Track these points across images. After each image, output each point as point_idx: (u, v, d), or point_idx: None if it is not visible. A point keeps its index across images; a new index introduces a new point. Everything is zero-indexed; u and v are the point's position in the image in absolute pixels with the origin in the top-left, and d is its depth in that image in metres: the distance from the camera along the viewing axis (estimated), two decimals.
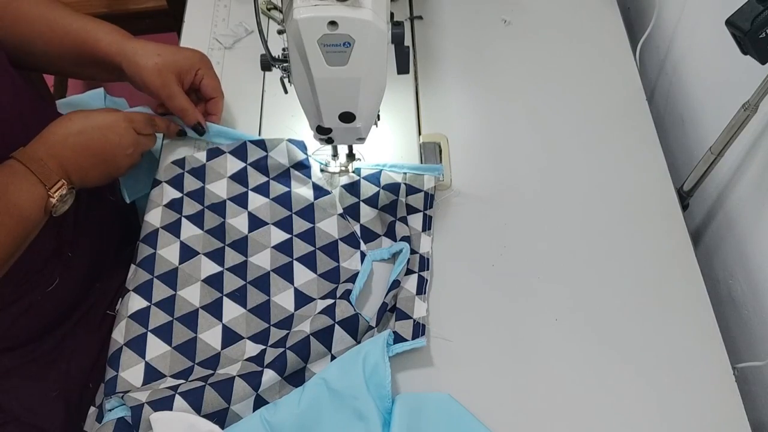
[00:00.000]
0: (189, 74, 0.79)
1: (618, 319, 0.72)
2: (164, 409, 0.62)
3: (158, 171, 0.80)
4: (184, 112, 0.78)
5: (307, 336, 0.67)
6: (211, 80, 0.81)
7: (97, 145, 0.70)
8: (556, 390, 0.68)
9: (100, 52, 0.76)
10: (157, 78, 0.75)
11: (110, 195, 0.84)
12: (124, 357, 0.67)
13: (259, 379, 0.64)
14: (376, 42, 0.60)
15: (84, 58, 0.77)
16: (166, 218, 0.76)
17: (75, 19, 0.76)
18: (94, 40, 0.75)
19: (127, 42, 0.76)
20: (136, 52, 0.75)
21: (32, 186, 0.64)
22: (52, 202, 0.65)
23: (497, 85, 0.91)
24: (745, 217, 0.80)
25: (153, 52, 0.76)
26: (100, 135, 0.70)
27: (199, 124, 0.79)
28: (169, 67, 0.76)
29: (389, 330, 0.67)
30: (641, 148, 0.84)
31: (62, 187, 0.66)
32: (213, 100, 0.82)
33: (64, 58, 0.77)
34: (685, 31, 0.95)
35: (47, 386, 0.71)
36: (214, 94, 0.82)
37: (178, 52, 0.78)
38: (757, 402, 0.77)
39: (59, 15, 0.76)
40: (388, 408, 0.63)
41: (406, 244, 0.74)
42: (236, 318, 0.70)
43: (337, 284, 0.73)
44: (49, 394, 0.71)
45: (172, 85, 0.76)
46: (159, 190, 0.78)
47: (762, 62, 0.61)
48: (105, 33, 0.76)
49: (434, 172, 0.79)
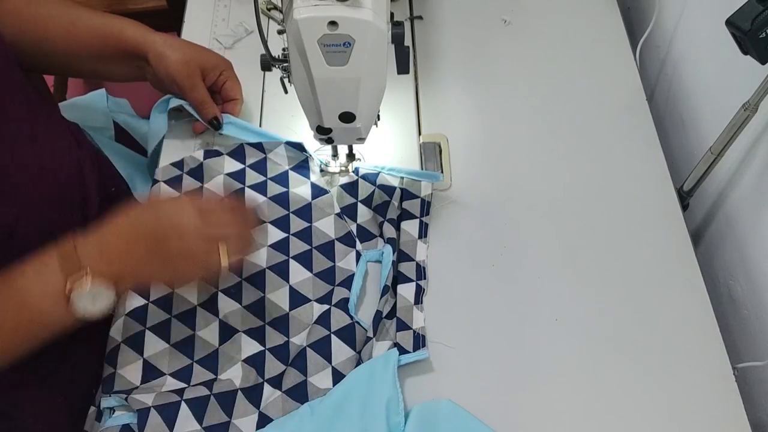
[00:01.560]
0: (213, 72, 0.81)
1: (618, 320, 0.72)
2: (170, 416, 0.62)
3: (156, 172, 0.80)
4: (202, 104, 0.80)
5: (303, 348, 0.67)
6: (234, 83, 0.83)
7: (146, 228, 0.59)
8: (556, 390, 0.68)
9: (124, 44, 0.76)
10: (183, 68, 0.77)
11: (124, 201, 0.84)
12: (122, 355, 0.67)
13: (260, 397, 0.66)
14: (376, 42, 0.60)
15: (107, 52, 0.77)
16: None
17: (96, 16, 0.77)
18: (119, 32, 0.76)
19: (153, 33, 0.77)
20: (164, 43, 0.76)
21: (51, 276, 0.55)
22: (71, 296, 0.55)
23: (497, 85, 0.91)
24: (745, 217, 0.80)
25: (180, 44, 0.78)
26: (153, 216, 0.60)
27: (216, 118, 0.81)
28: (196, 60, 0.78)
29: (396, 357, 0.67)
30: (641, 148, 0.84)
31: (86, 277, 0.55)
32: (232, 102, 0.84)
33: (86, 55, 0.77)
34: (685, 31, 0.96)
35: (52, 394, 0.71)
36: (235, 96, 0.83)
37: (204, 51, 0.80)
38: (757, 402, 0.77)
39: (80, 13, 0.77)
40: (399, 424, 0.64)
41: (389, 246, 0.74)
42: (232, 312, 0.70)
43: (332, 285, 0.73)
44: (54, 401, 0.71)
45: (195, 76, 0.78)
46: (156, 189, 0.78)
47: (762, 62, 0.61)
48: (128, 25, 0.77)
49: (432, 179, 0.79)
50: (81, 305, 0.55)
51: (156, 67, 0.77)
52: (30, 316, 0.56)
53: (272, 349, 0.69)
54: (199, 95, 0.79)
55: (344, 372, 0.67)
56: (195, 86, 0.78)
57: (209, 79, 0.81)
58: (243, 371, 0.66)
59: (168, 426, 0.62)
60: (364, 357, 0.68)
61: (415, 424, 0.63)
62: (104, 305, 0.56)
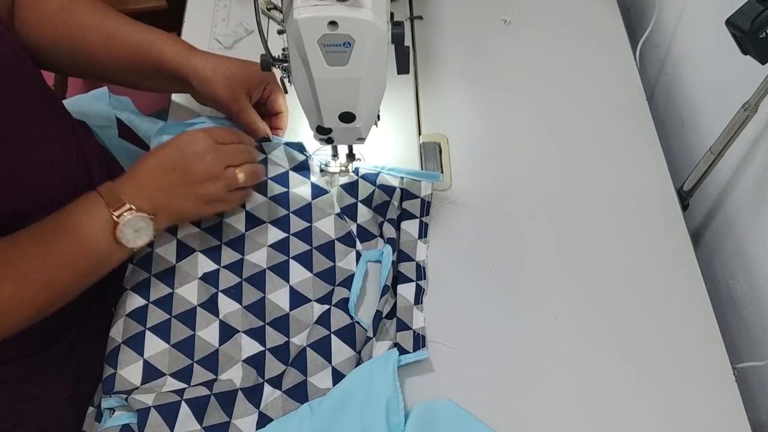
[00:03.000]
0: (258, 88, 0.78)
1: (618, 320, 0.72)
2: (170, 416, 0.62)
3: None
4: (253, 126, 0.78)
5: (303, 348, 0.67)
6: (280, 96, 0.81)
7: (170, 160, 0.66)
8: (556, 389, 0.68)
9: (165, 65, 0.74)
10: (228, 92, 0.75)
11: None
12: (122, 355, 0.67)
13: (260, 397, 0.66)
14: (376, 42, 0.60)
15: (146, 71, 0.76)
16: None
17: (135, 30, 0.75)
18: (159, 53, 0.74)
19: (193, 55, 0.75)
20: (205, 65, 0.74)
21: (99, 211, 0.62)
22: (118, 227, 0.62)
23: (497, 85, 0.91)
24: (745, 217, 0.80)
25: (222, 65, 0.75)
26: (174, 149, 0.67)
27: (267, 137, 0.79)
28: (240, 81, 0.75)
29: (396, 357, 0.67)
30: (641, 148, 0.84)
31: (129, 211, 0.62)
32: (280, 115, 0.82)
33: (126, 70, 0.76)
34: (685, 31, 0.96)
35: (58, 389, 0.71)
36: (281, 109, 0.81)
37: (248, 67, 0.77)
38: (757, 402, 0.77)
39: (119, 24, 0.74)
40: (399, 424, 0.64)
41: (389, 246, 0.74)
42: (232, 312, 0.70)
43: (332, 285, 0.73)
44: (61, 396, 0.71)
45: (242, 99, 0.76)
46: None
47: (762, 62, 0.61)
48: (169, 45, 0.74)
49: (432, 179, 0.79)
50: (126, 236, 0.62)
51: (200, 92, 0.76)
52: (83, 250, 0.61)
53: (272, 349, 0.69)
54: (248, 118, 0.77)
55: (344, 372, 0.67)
56: (242, 109, 0.76)
57: (255, 95, 0.78)
58: (243, 371, 0.66)
59: (168, 426, 0.62)
60: (364, 357, 0.68)
61: (415, 424, 0.63)
62: (146, 237, 0.64)
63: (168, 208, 0.66)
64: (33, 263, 0.60)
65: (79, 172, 0.71)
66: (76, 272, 0.62)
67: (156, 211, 0.65)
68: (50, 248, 0.61)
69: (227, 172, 0.69)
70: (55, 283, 0.61)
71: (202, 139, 0.68)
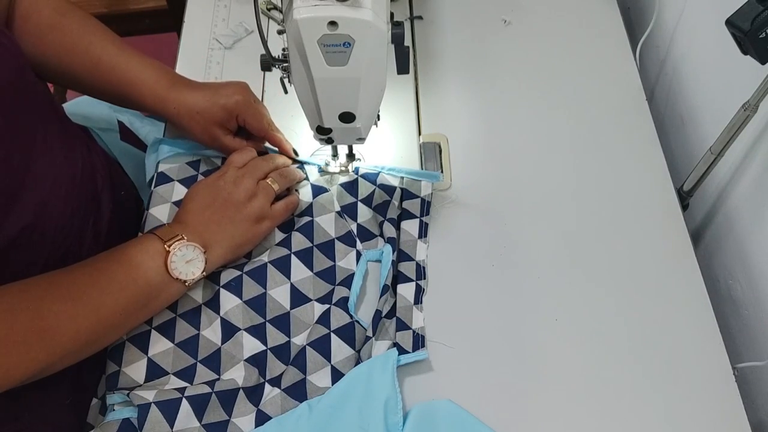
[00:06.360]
0: (231, 122, 0.77)
1: (618, 319, 0.72)
2: (170, 412, 0.62)
3: (171, 169, 0.80)
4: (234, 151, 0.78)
5: (303, 346, 0.67)
6: (254, 121, 0.77)
7: (209, 197, 0.70)
8: (556, 390, 0.68)
9: (146, 108, 0.76)
10: (205, 135, 0.76)
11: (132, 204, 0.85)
12: (127, 352, 0.67)
13: (260, 396, 0.66)
14: (376, 42, 0.60)
15: (131, 103, 0.77)
16: (173, 215, 0.76)
17: (120, 60, 0.74)
18: (139, 96, 0.75)
19: (168, 98, 0.75)
20: (179, 111, 0.75)
21: (151, 242, 0.65)
22: (170, 257, 0.64)
23: (497, 85, 0.91)
24: (745, 217, 0.80)
25: (193, 108, 0.74)
26: (208, 188, 0.71)
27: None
28: (209, 120, 0.75)
29: (395, 356, 0.67)
30: (641, 148, 0.84)
31: (180, 241, 0.65)
32: (272, 136, 0.79)
33: (111, 97, 0.78)
34: (685, 31, 0.96)
35: (59, 395, 0.71)
36: (259, 133, 0.78)
37: (215, 101, 0.75)
38: (757, 402, 0.77)
39: (103, 51, 0.74)
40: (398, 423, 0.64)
41: (389, 245, 0.74)
42: (232, 309, 0.70)
43: (332, 285, 0.73)
44: (62, 402, 0.71)
45: (220, 137, 0.76)
46: (169, 187, 0.78)
47: (762, 62, 0.61)
48: (148, 87, 0.74)
49: (432, 178, 0.79)
50: (177, 266, 0.64)
51: (183, 133, 0.78)
52: (133, 276, 0.62)
53: (274, 348, 0.69)
54: (227, 149, 0.77)
55: (343, 371, 0.67)
56: (224, 146, 0.77)
57: (232, 126, 0.77)
58: (246, 371, 0.66)
59: (168, 422, 0.62)
60: (364, 356, 0.68)
61: (415, 424, 0.63)
62: (197, 269, 0.66)
63: (220, 238, 0.69)
64: (82, 285, 0.60)
65: (84, 180, 0.71)
66: (126, 297, 0.62)
67: (208, 244, 0.67)
68: (101, 274, 0.62)
69: (261, 185, 0.72)
70: (103, 306, 0.61)
71: (230, 170, 0.72)
